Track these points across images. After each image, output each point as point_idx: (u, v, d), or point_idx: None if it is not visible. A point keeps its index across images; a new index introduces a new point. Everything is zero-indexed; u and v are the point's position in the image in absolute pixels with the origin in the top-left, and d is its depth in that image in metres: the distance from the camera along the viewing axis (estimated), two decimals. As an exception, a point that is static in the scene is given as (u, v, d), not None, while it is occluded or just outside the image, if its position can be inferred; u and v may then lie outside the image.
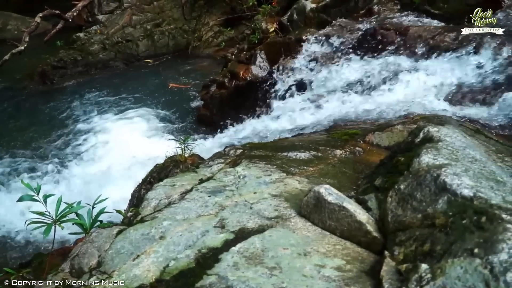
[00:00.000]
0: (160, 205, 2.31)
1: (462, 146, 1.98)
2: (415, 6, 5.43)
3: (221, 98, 6.85)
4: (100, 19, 11.71)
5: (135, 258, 1.78)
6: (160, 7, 12.07)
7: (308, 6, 6.67)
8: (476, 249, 1.28)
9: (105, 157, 6.28)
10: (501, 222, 1.33)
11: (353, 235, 1.80)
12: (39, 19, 9.43)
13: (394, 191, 1.83)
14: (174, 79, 9.78)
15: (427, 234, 1.52)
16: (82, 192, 5.05)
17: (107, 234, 2.05)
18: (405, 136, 2.63)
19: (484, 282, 1.19)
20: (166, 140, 4.32)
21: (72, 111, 8.46)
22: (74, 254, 2.05)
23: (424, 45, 4.50)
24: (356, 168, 2.65)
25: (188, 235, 1.88)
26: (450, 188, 1.58)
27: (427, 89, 4.01)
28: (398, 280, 1.43)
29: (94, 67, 10.90)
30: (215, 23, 11.92)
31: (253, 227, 1.90)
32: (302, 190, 2.25)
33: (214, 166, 2.83)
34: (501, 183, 1.68)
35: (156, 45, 11.70)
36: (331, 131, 3.71)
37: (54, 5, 10.11)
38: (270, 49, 6.39)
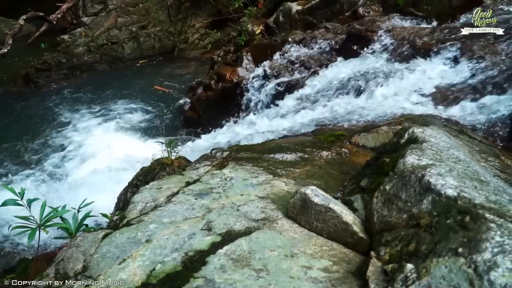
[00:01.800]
0: (147, 208, 2.30)
1: (446, 146, 2.00)
2: (399, 8, 5.49)
3: (207, 100, 6.84)
4: (85, 21, 11.62)
5: (121, 262, 1.76)
6: (145, 9, 12.02)
7: (294, 8, 6.70)
8: (460, 249, 1.29)
9: (91, 160, 6.23)
10: (484, 221, 1.35)
11: (340, 236, 1.80)
12: (22, 21, 9.32)
13: (379, 191, 1.84)
14: (159, 81, 9.74)
15: (412, 234, 1.53)
16: (67, 196, 5.00)
17: (93, 238, 2.03)
18: (390, 137, 2.65)
19: (469, 281, 1.20)
20: (152, 143, 4.30)
21: (56, 114, 8.37)
22: (59, 259, 2.02)
23: (408, 47, 4.54)
24: (343, 169, 2.66)
25: (175, 238, 1.87)
26: (434, 188, 1.60)
27: (411, 90, 4.05)
28: (384, 280, 1.44)
29: (79, 69, 10.81)
30: (201, 25, 11.91)
31: (240, 229, 1.90)
32: (289, 192, 2.26)
33: (200, 168, 2.82)
34: (484, 182, 1.71)
35: (142, 48, 11.64)
36: (318, 132, 3.72)
37: (38, 7, 10.00)
38: (257, 51, 6.41)
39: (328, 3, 6.42)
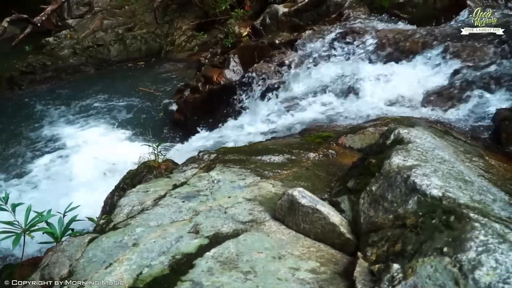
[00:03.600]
0: (133, 211, 2.28)
1: (431, 147, 2.02)
2: (384, 10, 5.55)
3: (195, 103, 6.83)
4: (70, 24, 11.53)
5: (107, 267, 1.74)
6: (131, 11, 11.96)
7: (281, 10, 6.72)
8: (445, 248, 1.30)
9: (77, 163, 6.16)
10: (469, 221, 1.36)
11: (327, 237, 1.81)
12: (6, 24, 9.21)
13: (366, 192, 1.85)
14: (146, 84, 9.69)
15: (398, 234, 1.55)
16: (53, 200, 4.93)
17: (79, 243, 2.00)
18: (376, 138, 2.67)
19: (454, 280, 1.21)
20: (139, 146, 4.27)
21: (41, 118, 8.28)
22: (44, 264, 1.99)
23: (394, 48, 4.59)
24: (330, 170, 2.67)
25: (162, 241, 1.85)
26: (419, 188, 1.62)
27: (397, 91, 4.09)
28: (371, 280, 1.44)
29: (64, 72, 10.71)
30: (188, 27, 11.88)
31: (227, 232, 1.89)
32: (277, 194, 2.26)
33: (188, 171, 2.81)
34: (469, 182, 1.73)
35: (128, 50, 11.57)
36: (305, 134, 3.74)
37: (22, 9, 9.88)
38: (244, 53, 6.42)
39: (314, 5, 6.45)
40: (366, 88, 4.31)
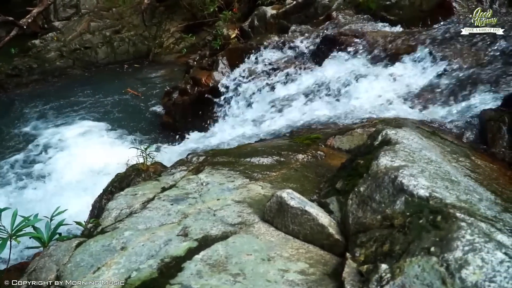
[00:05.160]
0: (121, 215, 2.26)
1: (418, 147, 2.04)
2: (372, 12, 5.59)
3: (183, 105, 6.81)
4: (57, 26, 11.42)
5: (95, 271, 1.73)
6: (119, 14, 11.90)
7: (269, 12, 6.74)
8: (432, 248, 1.31)
9: (64, 167, 6.10)
10: (455, 220, 1.38)
11: (316, 239, 1.81)
12: (-9, 26, 9.10)
13: (354, 193, 1.86)
14: (134, 86, 9.63)
15: (386, 234, 1.55)
16: (40, 205, 4.88)
17: (66, 247, 1.98)
18: (365, 139, 2.68)
19: (441, 279, 1.22)
20: (127, 149, 4.24)
21: (27, 121, 8.19)
22: (31, 269, 1.97)
23: (381, 50, 4.62)
24: (318, 171, 2.68)
25: (151, 244, 1.84)
26: (407, 189, 1.63)
27: (385, 93, 4.12)
28: (360, 281, 1.45)
29: (51, 75, 10.61)
30: (176, 29, 11.85)
31: (216, 234, 1.89)
32: (266, 195, 2.26)
33: (176, 173, 2.80)
34: (455, 182, 1.74)
35: (116, 52, 11.51)
36: (293, 136, 3.74)
37: (7, 12, 9.77)
38: (232, 55, 6.42)
39: (302, 7, 6.49)
40: (354, 90, 4.33)
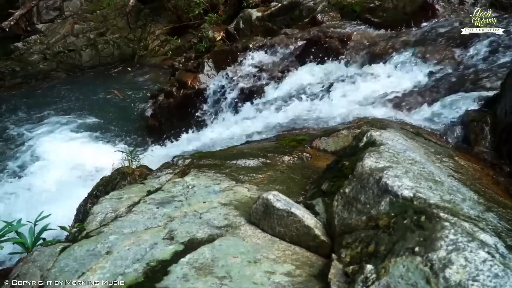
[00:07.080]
0: (107, 219, 2.24)
1: (402, 148, 2.06)
2: (356, 15, 5.63)
3: (169, 108, 6.78)
4: (40, 28, 11.28)
5: (80, 276, 1.71)
6: (103, 16, 11.80)
7: (254, 14, 6.76)
8: (416, 248, 1.32)
9: (48, 171, 6.02)
10: (439, 220, 1.39)
11: (302, 240, 1.82)
12: (-28, 29, 8.96)
13: (339, 195, 1.87)
14: (119, 89, 9.56)
15: (371, 235, 1.56)
16: (23, 209, 4.81)
17: (50, 252, 1.96)
18: (350, 141, 2.70)
19: (425, 279, 1.23)
20: (113, 152, 4.20)
21: (9, 125, 8.07)
22: (14, 275, 1.93)
23: (366, 52, 4.66)
24: (304, 173, 2.69)
25: (136, 248, 1.83)
26: (391, 189, 1.64)
27: (370, 94, 4.15)
28: (346, 282, 1.46)
29: (34, 78, 10.49)
30: (161, 32, 11.79)
31: (202, 237, 1.88)
32: (252, 198, 2.26)
33: (162, 177, 2.78)
34: (439, 183, 1.76)
35: (101, 55, 11.41)
36: (280, 137, 3.75)
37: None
38: (218, 57, 6.42)
39: (287, 9, 6.52)
40: (339, 91, 4.36)
